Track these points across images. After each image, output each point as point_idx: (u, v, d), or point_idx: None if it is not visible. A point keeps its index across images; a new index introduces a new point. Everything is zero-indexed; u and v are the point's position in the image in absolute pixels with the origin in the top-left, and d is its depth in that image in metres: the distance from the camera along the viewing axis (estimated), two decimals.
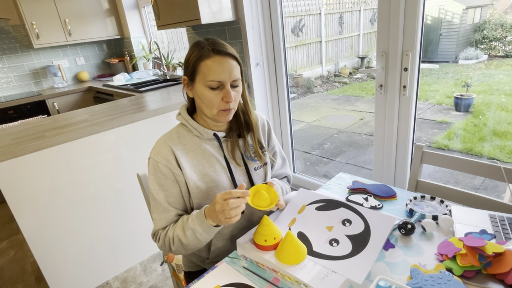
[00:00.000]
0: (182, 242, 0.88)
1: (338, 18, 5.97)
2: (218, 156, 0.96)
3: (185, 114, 0.97)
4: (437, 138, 3.20)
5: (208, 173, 0.94)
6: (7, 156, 1.40)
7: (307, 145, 3.78)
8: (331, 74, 6.12)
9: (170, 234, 0.90)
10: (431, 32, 3.13)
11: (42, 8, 3.04)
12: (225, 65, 0.85)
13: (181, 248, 0.89)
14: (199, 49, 0.86)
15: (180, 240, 0.88)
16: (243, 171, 1.00)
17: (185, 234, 0.87)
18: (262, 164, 1.04)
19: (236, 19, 2.09)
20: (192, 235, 0.86)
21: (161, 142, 0.95)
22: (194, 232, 0.85)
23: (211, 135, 0.96)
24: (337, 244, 0.83)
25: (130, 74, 3.17)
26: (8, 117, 2.93)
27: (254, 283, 0.76)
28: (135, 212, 1.87)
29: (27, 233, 1.51)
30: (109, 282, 1.83)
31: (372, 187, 1.10)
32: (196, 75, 0.87)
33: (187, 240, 0.87)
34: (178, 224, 0.90)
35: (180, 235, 0.88)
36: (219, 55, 0.85)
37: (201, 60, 0.85)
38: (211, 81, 0.85)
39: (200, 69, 0.86)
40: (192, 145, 0.95)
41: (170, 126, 2.13)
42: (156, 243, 0.95)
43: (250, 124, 1.00)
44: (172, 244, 0.90)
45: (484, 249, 0.69)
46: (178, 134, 0.96)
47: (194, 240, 0.86)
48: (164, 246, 0.93)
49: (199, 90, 0.88)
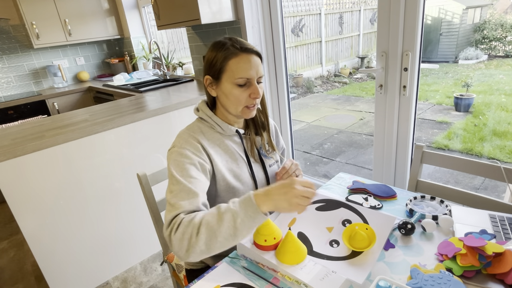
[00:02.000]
0: (213, 230, 0.71)
1: (338, 18, 5.97)
2: (240, 152, 0.99)
3: (207, 110, 0.97)
4: (437, 138, 3.20)
5: (232, 168, 0.96)
6: (7, 156, 1.40)
7: (307, 145, 3.78)
8: (331, 74, 6.12)
9: (197, 221, 0.73)
10: (431, 32, 3.13)
11: (42, 8, 3.04)
12: (252, 62, 0.88)
13: (207, 239, 0.71)
14: (225, 49, 0.88)
15: (211, 228, 0.71)
16: (261, 167, 1.04)
17: (221, 218, 0.72)
18: (275, 161, 1.09)
19: (236, 19, 2.09)
20: (230, 221, 0.71)
21: (185, 134, 0.93)
22: (234, 217, 0.71)
23: (234, 131, 0.98)
24: (337, 245, 0.83)
25: (130, 74, 3.17)
26: (8, 117, 2.93)
27: (254, 283, 0.76)
28: (135, 212, 1.87)
29: (27, 233, 1.51)
30: (109, 282, 1.83)
31: (372, 187, 1.10)
32: (223, 73, 0.89)
33: (220, 227, 0.71)
34: (210, 211, 0.76)
35: (212, 221, 0.72)
36: (246, 52, 0.87)
37: (228, 58, 0.87)
38: (240, 78, 0.87)
39: (228, 67, 0.88)
40: (215, 141, 0.96)
41: (170, 126, 2.13)
42: (171, 233, 0.74)
43: (266, 121, 1.05)
44: (196, 235, 0.71)
45: (484, 249, 0.69)
46: (201, 130, 0.95)
47: (230, 229, 0.71)
48: (182, 239, 0.72)
49: (226, 88, 0.90)
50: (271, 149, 1.07)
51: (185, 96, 2.09)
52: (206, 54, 0.93)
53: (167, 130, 1.91)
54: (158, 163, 1.91)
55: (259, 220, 0.73)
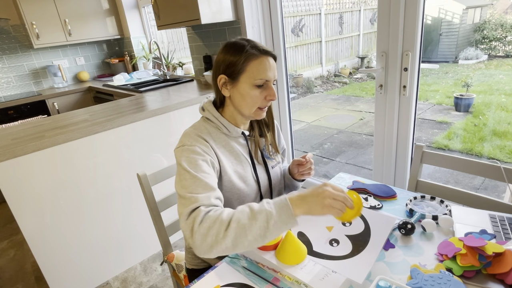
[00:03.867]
0: (244, 228, 0.71)
1: (338, 18, 5.97)
2: (245, 153, 1.00)
3: (214, 111, 0.97)
4: (437, 138, 3.20)
5: (237, 170, 0.97)
6: (7, 156, 1.40)
7: (307, 145, 3.78)
8: (331, 74, 6.12)
9: (225, 217, 0.73)
10: (431, 32, 3.13)
11: (42, 8, 3.04)
12: (271, 65, 0.91)
13: (236, 236, 0.71)
14: (245, 51, 0.89)
15: (242, 225, 0.71)
16: (263, 169, 1.04)
17: (254, 218, 0.72)
18: (277, 162, 1.10)
19: (236, 19, 2.09)
20: (263, 221, 0.71)
21: (191, 133, 0.92)
22: (268, 218, 0.71)
23: (239, 133, 0.99)
24: (337, 244, 0.83)
25: (130, 74, 3.17)
26: (8, 117, 2.93)
27: (254, 283, 0.76)
28: (135, 212, 1.87)
29: (27, 233, 1.51)
30: (109, 282, 1.83)
31: (372, 187, 1.10)
32: (242, 74, 0.89)
33: (252, 226, 0.71)
34: (240, 209, 0.75)
35: (244, 219, 0.72)
36: (266, 55, 0.90)
37: (249, 60, 0.88)
38: (260, 79, 0.89)
39: (249, 68, 0.89)
40: (221, 142, 0.96)
41: (170, 126, 2.12)
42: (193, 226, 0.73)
43: (270, 122, 1.07)
44: (224, 231, 0.71)
45: (484, 249, 0.69)
46: (208, 130, 0.95)
47: (261, 229, 0.71)
48: (209, 232, 0.71)
49: (243, 89, 0.90)
50: (274, 150, 1.08)
51: (185, 96, 2.09)
52: (220, 55, 0.92)
53: (167, 130, 1.91)
54: (158, 163, 1.91)
55: (291, 224, 0.72)
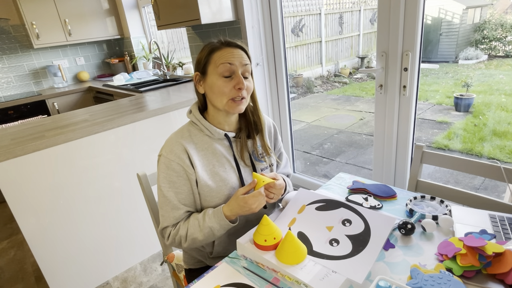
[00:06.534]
0: (198, 240, 0.92)
1: (338, 18, 5.97)
2: (228, 156, 0.98)
3: (197, 113, 0.97)
4: (437, 138, 3.20)
5: (218, 172, 0.96)
6: (7, 156, 1.40)
7: (307, 145, 3.78)
8: (331, 74, 6.11)
9: (183, 233, 0.93)
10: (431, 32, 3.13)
11: (42, 8, 3.04)
12: (235, 53, 0.90)
13: (195, 244, 0.94)
14: (211, 45, 0.91)
15: (195, 238, 0.92)
16: (251, 172, 1.02)
17: (202, 233, 0.91)
18: (268, 165, 1.06)
19: (236, 19, 2.09)
20: (210, 233, 0.91)
21: (173, 140, 0.94)
22: (212, 230, 0.90)
23: (222, 135, 0.97)
24: (337, 244, 0.83)
25: (130, 74, 3.17)
26: (8, 117, 2.93)
27: (254, 283, 0.76)
28: (135, 212, 1.87)
29: (27, 233, 1.51)
30: (109, 282, 1.83)
31: (372, 187, 1.10)
32: (208, 66, 0.91)
33: (204, 237, 0.91)
34: (192, 223, 0.93)
35: (196, 234, 0.91)
36: (230, 46, 0.90)
37: (212, 52, 0.90)
38: (222, 64, 0.88)
39: (212, 59, 0.90)
40: (203, 144, 0.96)
41: (170, 126, 2.13)
42: (163, 239, 0.98)
43: (259, 124, 1.03)
44: (184, 242, 0.93)
45: (484, 249, 0.69)
46: (190, 133, 0.96)
47: (211, 237, 0.92)
48: (174, 243, 0.96)
49: (211, 81, 0.91)
50: (264, 153, 1.04)
51: (185, 96, 2.09)
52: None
53: (167, 130, 1.91)
54: None
55: (229, 227, 0.91)
